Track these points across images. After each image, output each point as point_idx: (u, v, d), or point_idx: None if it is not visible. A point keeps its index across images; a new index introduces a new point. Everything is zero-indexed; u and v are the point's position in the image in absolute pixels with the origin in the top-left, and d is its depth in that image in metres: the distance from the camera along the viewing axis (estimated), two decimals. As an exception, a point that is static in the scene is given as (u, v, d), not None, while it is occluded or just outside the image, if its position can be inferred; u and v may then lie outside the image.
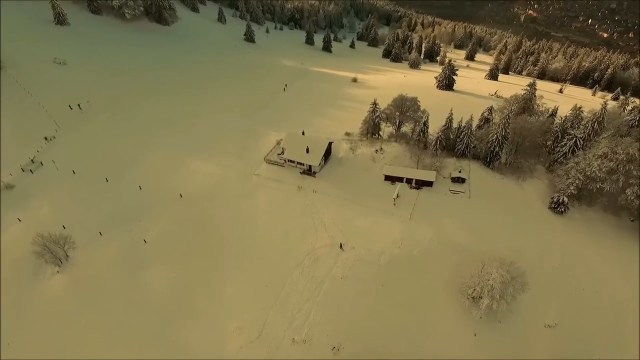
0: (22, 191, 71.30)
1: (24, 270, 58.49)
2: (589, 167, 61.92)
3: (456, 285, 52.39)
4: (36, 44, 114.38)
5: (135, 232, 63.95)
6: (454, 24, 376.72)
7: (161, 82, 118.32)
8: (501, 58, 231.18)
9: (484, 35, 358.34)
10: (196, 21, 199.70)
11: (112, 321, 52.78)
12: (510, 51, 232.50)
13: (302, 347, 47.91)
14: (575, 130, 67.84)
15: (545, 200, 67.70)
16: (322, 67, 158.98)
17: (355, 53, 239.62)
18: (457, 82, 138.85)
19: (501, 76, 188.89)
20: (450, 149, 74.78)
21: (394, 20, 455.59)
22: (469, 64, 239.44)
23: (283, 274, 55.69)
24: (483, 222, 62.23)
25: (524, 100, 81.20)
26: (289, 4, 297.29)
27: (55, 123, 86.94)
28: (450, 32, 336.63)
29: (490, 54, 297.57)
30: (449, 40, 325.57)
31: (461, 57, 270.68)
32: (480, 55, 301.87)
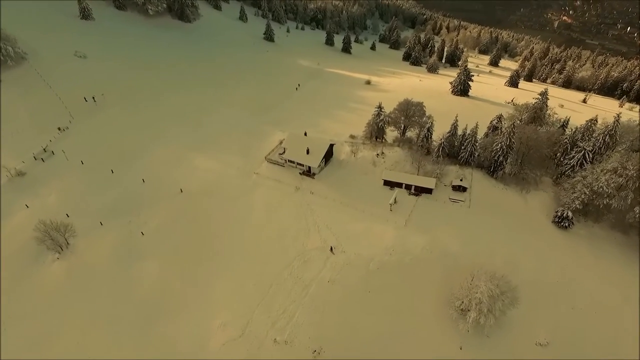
0: (32, 178, 74.03)
1: (27, 255, 60.65)
2: (596, 181, 59.44)
3: (445, 296, 51.25)
4: (60, 37, 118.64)
5: (134, 223, 65.42)
6: (480, 28, 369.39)
7: (176, 78, 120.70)
8: (525, 65, 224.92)
9: (511, 40, 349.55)
10: (218, 19, 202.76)
11: (103, 311, 54.01)
12: (535, 58, 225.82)
13: (284, 348, 47.86)
14: (584, 143, 65.20)
15: (549, 214, 65.37)
16: (338, 69, 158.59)
17: (375, 55, 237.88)
18: (474, 88, 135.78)
19: (523, 83, 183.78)
20: (454, 157, 73.25)
21: (419, 23, 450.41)
22: (491, 70, 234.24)
23: (272, 273, 55.80)
24: (480, 233, 60.61)
25: (534, 109, 78.57)
26: (312, 4, 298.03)
27: (69, 114, 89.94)
28: (476, 37, 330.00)
29: (516, 60, 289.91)
30: (473, 45, 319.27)
31: (485, 63, 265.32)
32: (505, 61, 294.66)
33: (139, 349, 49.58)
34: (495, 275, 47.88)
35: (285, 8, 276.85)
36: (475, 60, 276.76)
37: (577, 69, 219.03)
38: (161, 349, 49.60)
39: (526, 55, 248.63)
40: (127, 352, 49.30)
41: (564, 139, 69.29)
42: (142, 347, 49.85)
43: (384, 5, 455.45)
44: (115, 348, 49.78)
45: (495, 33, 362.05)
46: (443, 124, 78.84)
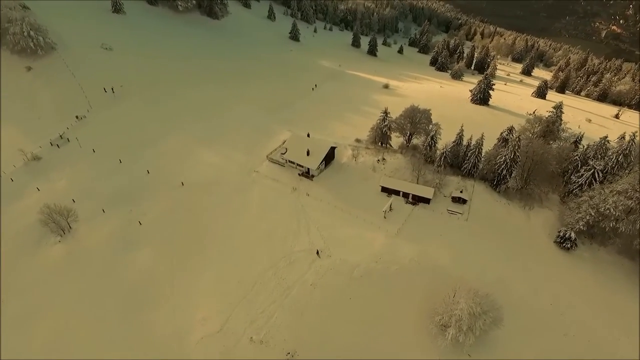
0: (46, 163, 77.78)
1: (32, 236, 63.64)
2: (603, 203, 56.23)
3: (428, 310, 49.82)
4: (89, 29, 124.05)
5: (134, 213, 67.44)
6: (516, 35, 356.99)
7: (197, 74, 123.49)
8: (559, 75, 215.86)
9: (547, 49, 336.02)
10: (246, 17, 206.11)
11: (94, 294, 55.95)
12: (570, 69, 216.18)
13: (259, 348, 47.96)
14: (595, 162, 61.77)
15: (552, 233, 62.39)
16: (359, 71, 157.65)
17: (402, 59, 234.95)
18: (496, 97, 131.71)
19: (553, 95, 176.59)
20: (457, 167, 71.19)
21: (454, 28, 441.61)
22: (522, 79, 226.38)
23: (257, 272, 56.07)
24: (474, 249, 58.63)
25: (546, 122, 75.06)
26: (343, 5, 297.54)
27: (88, 103, 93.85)
28: (510, 44, 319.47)
29: (551, 70, 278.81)
30: (507, 53, 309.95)
31: (517, 71, 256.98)
32: (540, 70, 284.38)
33: (121, 334, 50.98)
34: (478, 293, 46.15)
35: (315, 8, 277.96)
36: (507, 68, 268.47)
37: (615, 82, 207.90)
38: (142, 336, 50.80)
39: (561, 66, 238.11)
40: (110, 335, 50.83)
41: (574, 155, 65.88)
42: (125, 332, 51.20)
43: (417, 9, 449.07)
44: (99, 330, 51.40)
45: (532, 41, 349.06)
46: (454, 133, 76.60)
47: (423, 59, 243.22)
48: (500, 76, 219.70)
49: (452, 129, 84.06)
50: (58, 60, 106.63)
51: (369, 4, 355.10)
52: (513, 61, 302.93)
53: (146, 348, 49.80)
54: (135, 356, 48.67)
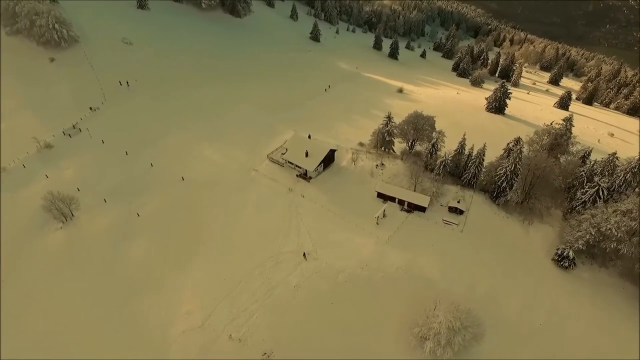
0: (58, 152, 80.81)
1: (36, 221, 66.32)
2: (605, 222, 53.71)
3: (409, 321, 48.85)
4: (112, 24, 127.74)
5: (134, 204, 69.19)
6: (546, 43, 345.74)
7: (212, 71, 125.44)
8: (588, 86, 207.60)
9: (579, 59, 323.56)
10: (268, 16, 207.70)
11: (88, 281, 57.85)
12: (600, 79, 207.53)
13: (236, 346, 48.28)
14: (599, 178, 59.03)
15: (551, 250, 60.05)
16: (376, 74, 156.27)
17: (424, 63, 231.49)
18: (515, 106, 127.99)
19: (578, 106, 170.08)
20: (458, 177, 69.56)
21: (482, 34, 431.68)
22: (549, 89, 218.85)
23: (243, 270, 56.45)
24: (466, 261, 57.10)
25: (554, 135, 72.14)
26: (368, 7, 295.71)
27: (103, 96, 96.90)
28: (540, 52, 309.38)
29: (581, 80, 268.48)
30: (535, 61, 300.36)
31: (544, 80, 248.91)
32: (569, 80, 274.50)
33: (110, 321, 52.61)
34: (459, 307, 45.03)
35: (340, 9, 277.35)
36: (534, 76, 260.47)
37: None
38: (129, 324, 52.19)
39: (591, 76, 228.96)
40: (99, 321, 52.57)
41: (580, 171, 63.13)
42: (113, 319, 52.77)
43: (446, 12, 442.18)
44: (90, 316, 53.26)
45: (563, 49, 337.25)
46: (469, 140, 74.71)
47: (446, 64, 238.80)
48: (525, 84, 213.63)
49: (467, 137, 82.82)
50: (80, 53, 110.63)
51: (396, 7, 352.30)
52: (541, 70, 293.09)
53: (131, 336, 51.15)
54: (121, 343, 50.06)
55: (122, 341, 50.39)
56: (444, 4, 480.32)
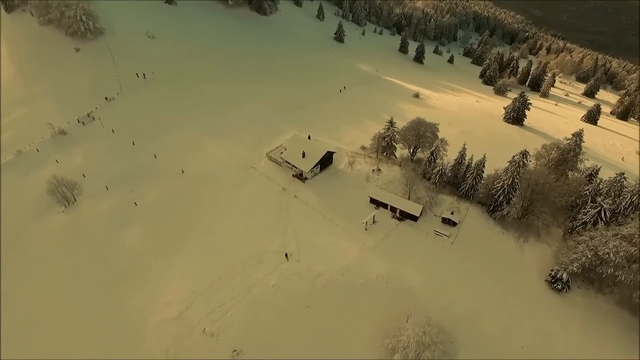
0: (70, 138, 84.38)
1: (41, 203, 69.44)
2: (603, 246, 50.62)
3: (382, 331, 47.78)
4: (139, 17, 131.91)
5: (133, 193, 71.32)
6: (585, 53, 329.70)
7: (230, 67, 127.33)
8: (625, 100, 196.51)
9: (620, 71, 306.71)
10: (294, 15, 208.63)
11: (81, 264, 60.16)
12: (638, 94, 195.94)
13: (208, 340, 48.73)
14: (602, 199, 55.59)
15: (545, 270, 57.17)
16: (396, 78, 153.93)
17: (450, 69, 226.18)
18: (536, 117, 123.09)
19: (609, 121, 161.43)
20: (457, 187, 67.44)
21: (519, 41, 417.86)
22: (582, 101, 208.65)
23: (226, 266, 56.89)
24: (452, 275, 55.24)
25: (561, 151, 68.39)
26: (398, 9, 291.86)
27: (120, 87, 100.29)
28: (577, 62, 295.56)
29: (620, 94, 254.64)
30: (571, 71, 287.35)
31: (578, 92, 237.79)
32: (606, 93, 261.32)
33: (95, 304, 54.62)
34: (430, 322, 43.67)
35: (369, 10, 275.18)
36: (568, 87, 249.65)
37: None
38: (111, 309, 53.95)
39: (629, 90, 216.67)
40: (84, 303, 54.52)
41: (584, 190, 59.67)
42: (99, 303, 54.76)
43: (482, 18, 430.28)
44: (78, 297, 55.51)
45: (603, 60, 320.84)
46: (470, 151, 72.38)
47: (473, 70, 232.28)
48: (555, 95, 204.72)
49: (470, 147, 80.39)
50: (104, 44, 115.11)
51: (428, 10, 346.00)
52: (577, 81, 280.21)
53: (112, 320, 52.81)
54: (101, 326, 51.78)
55: (102, 324, 52.12)
56: (481, 9, 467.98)
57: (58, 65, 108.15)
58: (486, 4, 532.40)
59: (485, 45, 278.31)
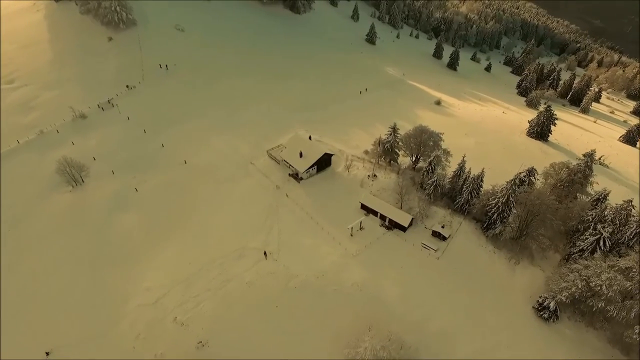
0: (89, 123, 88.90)
1: (52, 182, 73.32)
2: (596, 276, 46.97)
3: (345, 340, 46.79)
4: (172, 10, 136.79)
5: (136, 179, 74.19)
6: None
7: (253, 64, 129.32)
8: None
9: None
10: (328, 14, 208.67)
11: (77, 243, 63.13)
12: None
13: (178, 329, 49.67)
14: (603, 226, 51.38)
15: (534, 296, 53.78)
16: (421, 83, 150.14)
17: (485, 77, 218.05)
18: (564, 133, 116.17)
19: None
20: (453, 200, 64.85)
21: (569, 52, 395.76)
22: (628, 120, 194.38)
23: (207, 258, 57.79)
24: (432, 290, 53.18)
25: (570, 172, 63.71)
26: (438, 14, 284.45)
27: (142, 76, 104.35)
28: (629, 78, 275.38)
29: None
30: (622, 87, 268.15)
31: (627, 110, 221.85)
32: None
33: (81, 281, 57.07)
34: (391, 337, 42.31)
35: (407, 13, 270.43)
36: (615, 104, 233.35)
37: None
38: (96, 288, 56.25)
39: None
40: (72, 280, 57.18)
41: (587, 215, 55.37)
42: (84, 280, 57.36)
43: (530, 26, 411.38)
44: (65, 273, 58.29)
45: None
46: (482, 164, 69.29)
47: (512, 80, 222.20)
48: (598, 112, 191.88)
49: (482, 160, 77.53)
50: (134, 35, 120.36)
51: (472, 15, 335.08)
52: (628, 98, 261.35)
53: (95, 299, 55.05)
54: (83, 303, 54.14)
55: (85, 302, 54.52)
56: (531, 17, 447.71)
57: (91, 53, 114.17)
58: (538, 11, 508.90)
59: (528, 55, 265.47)
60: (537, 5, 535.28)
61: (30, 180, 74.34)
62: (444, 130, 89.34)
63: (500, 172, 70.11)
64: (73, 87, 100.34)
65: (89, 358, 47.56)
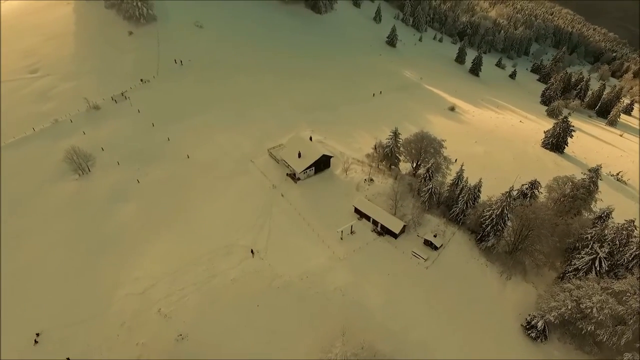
0: (102, 114, 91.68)
1: (61, 169, 75.79)
2: (587, 298, 44.89)
3: (321, 344, 46.54)
4: (193, 7, 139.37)
5: (140, 171, 75.95)
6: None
7: (268, 63, 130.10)
8: None
9: None
10: (350, 15, 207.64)
11: (77, 231, 64.84)
12: None
13: (161, 320, 50.54)
14: (599, 246, 48.92)
15: (524, 313, 51.85)
16: (438, 88, 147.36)
17: (508, 84, 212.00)
18: (585, 146, 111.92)
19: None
20: (450, 209, 63.33)
21: (604, 61, 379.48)
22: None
23: (197, 252, 58.51)
24: (415, 300, 52.07)
25: (574, 187, 60.82)
26: (465, 17, 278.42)
27: (157, 71, 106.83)
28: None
29: None
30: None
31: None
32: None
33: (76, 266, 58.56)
34: (365, 346, 41.74)
35: (433, 16, 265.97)
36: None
37: None
38: (88, 275, 57.50)
39: None
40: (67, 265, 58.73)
41: (586, 233, 52.78)
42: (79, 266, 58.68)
43: (564, 33, 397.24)
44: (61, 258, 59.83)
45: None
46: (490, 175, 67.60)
47: (536, 88, 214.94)
48: (627, 125, 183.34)
49: (488, 170, 75.86)
50: (154, 30, 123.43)
51: (501, 21, 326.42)
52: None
53: (87, 285, 56.30)
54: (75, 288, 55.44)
55: (77, 287, 55.74)
56: (565, 24, 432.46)
57: (111, 46, 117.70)
58: (574, 18, 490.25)
59: (557, 63, 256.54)
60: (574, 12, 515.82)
61: (40, 166, 77.21)
62: (453, 137, 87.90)
63: (506, 183, 67.90)
64: (90, 79, 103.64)
65: (76, 342, 48.85)
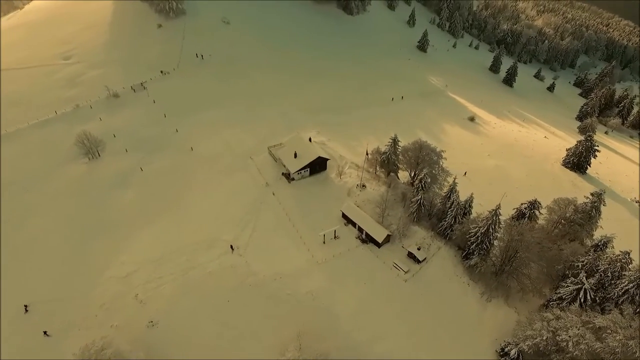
0: (120, 102, 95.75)
1: (73, 152, 79.75)
2: (564, 330, 42.06)
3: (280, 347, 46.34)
4: (223, 3, 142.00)
5: (143, 160, 78.66)
6: None
7: (289, 61, 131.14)
8: None
9: None
10: (382, 18, 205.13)
11: (75, 212, 67.94)
12: None
13: (136, 306, 52.22)
14: (585, 277, 45.42)
15: (500, 338, 49.33)
16: (463, 96, 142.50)
17: (545, 97, 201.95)
18: (612, 168, 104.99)
19: None
20: (439, 221, 61.17)
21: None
22: None
23: (182, 243, 60.02)
24: (387, 312, 50.80)
25: (575, 211, 56.64)
26: (506, 25, 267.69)
27: (178, 64, 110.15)
28: None
29: None
30: None
31: None
32: None
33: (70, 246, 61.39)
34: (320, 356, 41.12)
35: (471, 23, 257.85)
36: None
37: None
38: (80, 257, 60.17)
39: None
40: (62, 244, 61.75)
41: (577, 261, 49.20)
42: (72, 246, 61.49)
43: (617, 46, 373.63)
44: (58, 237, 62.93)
45: None
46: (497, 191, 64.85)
47: (576, 103, 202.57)
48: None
49: (498, 185, 73.24)
50: (181, 24, 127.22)
51: (547, 30, 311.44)
52: None
53: (77, 265, 58.88)
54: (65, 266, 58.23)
55: (68, 266, 58.38)
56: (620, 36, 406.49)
57: (141, 37, 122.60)
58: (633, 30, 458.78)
59: (604, 77, 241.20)
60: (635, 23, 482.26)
61: (56, 148, 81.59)
62: (466, 148, 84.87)
63: (512, 201, 64.60)
64: (116, 68, 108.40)
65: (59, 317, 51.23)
